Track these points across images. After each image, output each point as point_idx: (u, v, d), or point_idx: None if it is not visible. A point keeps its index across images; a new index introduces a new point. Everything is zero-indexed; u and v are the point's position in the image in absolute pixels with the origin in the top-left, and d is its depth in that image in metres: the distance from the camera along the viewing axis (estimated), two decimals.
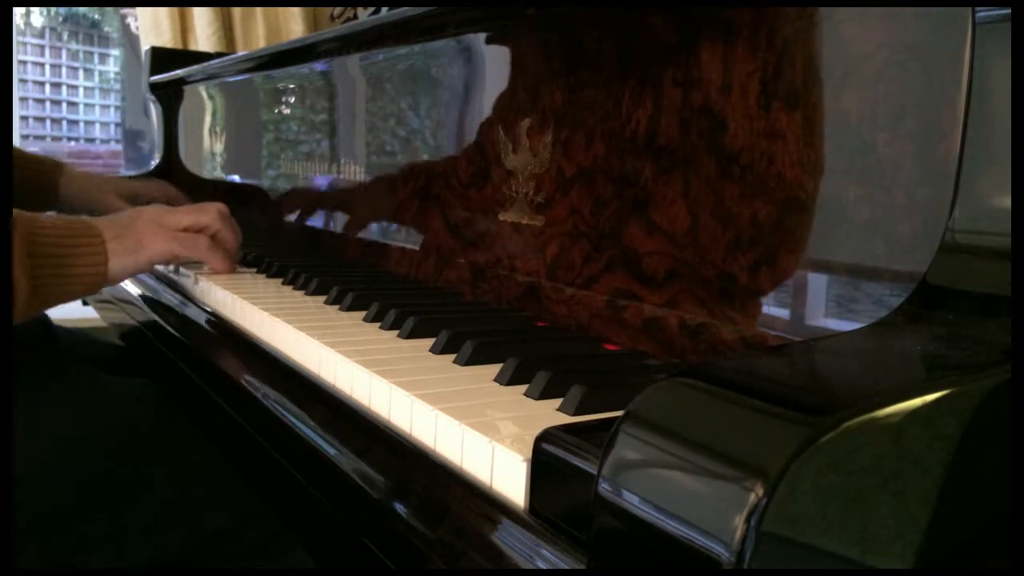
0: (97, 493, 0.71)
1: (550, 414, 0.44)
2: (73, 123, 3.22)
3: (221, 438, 0.75)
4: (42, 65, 3.15)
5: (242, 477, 0.74)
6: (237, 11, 1.89)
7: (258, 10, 1.87)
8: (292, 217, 1.15)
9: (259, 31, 1.87)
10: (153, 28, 1.93)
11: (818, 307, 0.47)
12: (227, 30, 1.89)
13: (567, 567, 0.34)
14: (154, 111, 1.63)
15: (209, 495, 0.74)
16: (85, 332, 1.01)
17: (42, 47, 3.15)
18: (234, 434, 0.66)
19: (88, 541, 0.69)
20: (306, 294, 0.80)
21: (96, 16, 3.24)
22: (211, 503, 0.74)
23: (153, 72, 1.59)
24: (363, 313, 0.69)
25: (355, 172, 0.98)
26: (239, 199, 1.24)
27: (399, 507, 0.43)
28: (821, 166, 0.47)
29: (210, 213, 0.85)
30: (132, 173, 1.66)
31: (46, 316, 0.92)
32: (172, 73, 1.50)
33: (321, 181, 1.07)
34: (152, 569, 0.69)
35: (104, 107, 3.29)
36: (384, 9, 1.16)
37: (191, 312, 0.84)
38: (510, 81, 0.71)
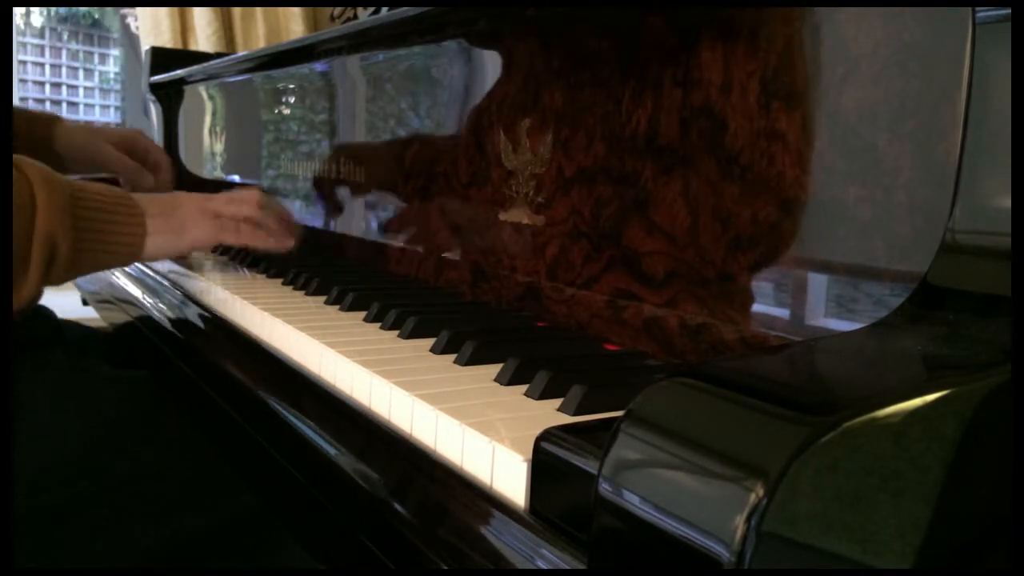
0: (96, 490, 0.71)
1: (550, 414, 0.44)
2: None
3: (221, 437, 0.75)
4: (42, 65, 3.15)
5: (242, 476, 0.74)
6: (237, 11, 1.89)
7: (258, 10, 1.87)
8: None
9: (259, 31, 1.87)
10: (153, 28, 1.93)
11: (818, 307, 0.47)
12: (227, 30, 1.89)
13: (567, 567, 0.34)
14: (154, 111, 1.63)
15: (209, 494, 0.74)
16: (85, 331, 1.01)
17: (42, 47, 3.15)
18: (234, 434, 0.66)
19: (86, 538, 0.69)
20: (306, 294, 0.80)
21: (96, 16, 3.24)
22: (210, 502, 0.74)
23: (153, 72, 1.59)
24: (363, 313, 0.69)
25: (355, 172, 0.98)
26: None
27: (399, 507, 0.43)
28: (821, 166, 0.47)
29: (250, 204, 0.85)
30: None
31: (51, 311, 0.92)
32: (172, 73, 1.50)
33: (321, 181, 1.07)
34: (151, 568, 0.69)
35: (104, 107, 3.29)
36: (384, 9, 1.16)
37: (191, 312, 0.84)
38: (510, 81, 0.72)
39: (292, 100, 1.15)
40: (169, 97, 1.60)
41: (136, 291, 1.00)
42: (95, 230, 0.70)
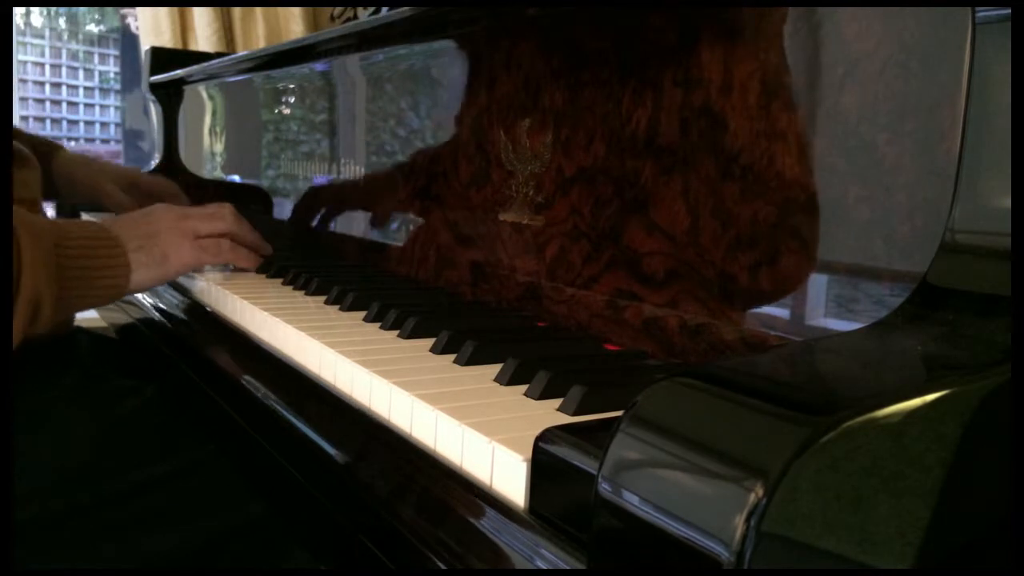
0: (97, 492, 0.71)
1: (550, 414, 0.44)
2: (73, 123, 3.22)
3: (221, 437, 0.75)
4: (42, 65, 3.15)
5: (242, 476, 0.74)
6: (237, 11, 1.89)
7: (258, 10, 1.87)
8: (292, 217, 1.15)
9: (259, 31, 1.87)
10: (153, 28, 1.93)
11: (818, 307, 0.47)
12: (227, 30, 1.89)
13: (567, 567, 0.34)
14: (154, 111, 1.63)
15: (208, 494, 0.74)
16: (85, 331, 1.01)
17: (42, 47, 3.14)
18: (234, 433, 0.66)
19: (88, 540, 0.69)
20: (306, 294, 0.80)
21: (96, 16, 3.24)
22: (210, 502, 0.74)
23: (153, 72, 1.59)
24: (363, 313, 0.69)
25: (355, 172, 0.98)
26: (239, 199, 1.24)
27: (399, 507, 0.43)
28: (821, 166, 0.47)
29: (225, 219, 0.84)
30: None
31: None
32: (172, 73, 1.50)
33: (321, 181, 1.07)
34: (152, 569, 0.69)
35: (104, 107, 3.29)
36: (384, 9, 1.16)
37: (191, 312, 0.84)
38: (510, 81, 0.72)
39: (292, 100, 1.15)
40: (169, 97, 1.60)
41: None
42: (79, 277, 0.69)
